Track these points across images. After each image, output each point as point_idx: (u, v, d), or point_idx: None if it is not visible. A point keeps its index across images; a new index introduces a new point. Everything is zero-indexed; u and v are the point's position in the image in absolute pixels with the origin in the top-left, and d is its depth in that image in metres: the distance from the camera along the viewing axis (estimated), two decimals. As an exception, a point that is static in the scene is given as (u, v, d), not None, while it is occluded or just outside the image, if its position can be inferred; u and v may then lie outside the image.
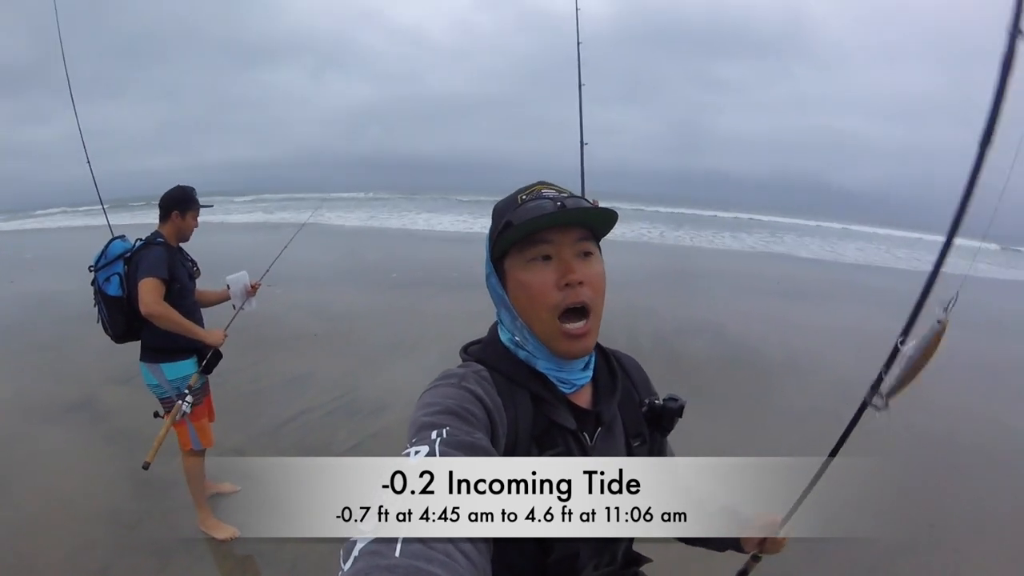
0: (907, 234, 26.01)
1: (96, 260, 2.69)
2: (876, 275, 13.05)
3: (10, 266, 11.08)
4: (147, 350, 2.72)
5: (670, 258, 13.56)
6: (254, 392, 4.73)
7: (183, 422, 2.74)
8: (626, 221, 23.27)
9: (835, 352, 6.26)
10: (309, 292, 7.91)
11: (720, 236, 19.88)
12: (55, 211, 29.35)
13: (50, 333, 6.31)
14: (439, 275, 9.55)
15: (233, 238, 13.19)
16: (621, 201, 35.57)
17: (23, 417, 4.23)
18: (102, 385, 4.76)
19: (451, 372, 0.89)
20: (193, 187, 2.83)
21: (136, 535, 2.91)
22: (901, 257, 17.59)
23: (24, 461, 3.60)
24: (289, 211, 22.88)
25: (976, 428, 4.53)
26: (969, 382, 5.46)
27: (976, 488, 3.62)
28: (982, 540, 3.10)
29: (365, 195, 35.13)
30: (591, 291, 0.88)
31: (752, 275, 11.55)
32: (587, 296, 0.87)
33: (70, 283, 6.41)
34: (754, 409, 4.20)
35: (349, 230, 17.35)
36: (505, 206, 0.93)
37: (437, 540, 0.53)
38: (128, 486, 3.21)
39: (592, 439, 0.93)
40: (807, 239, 21.28)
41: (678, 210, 30.53)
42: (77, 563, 2.69)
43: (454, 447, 0.68)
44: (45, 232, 19.24)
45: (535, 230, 0.86)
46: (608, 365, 1.02)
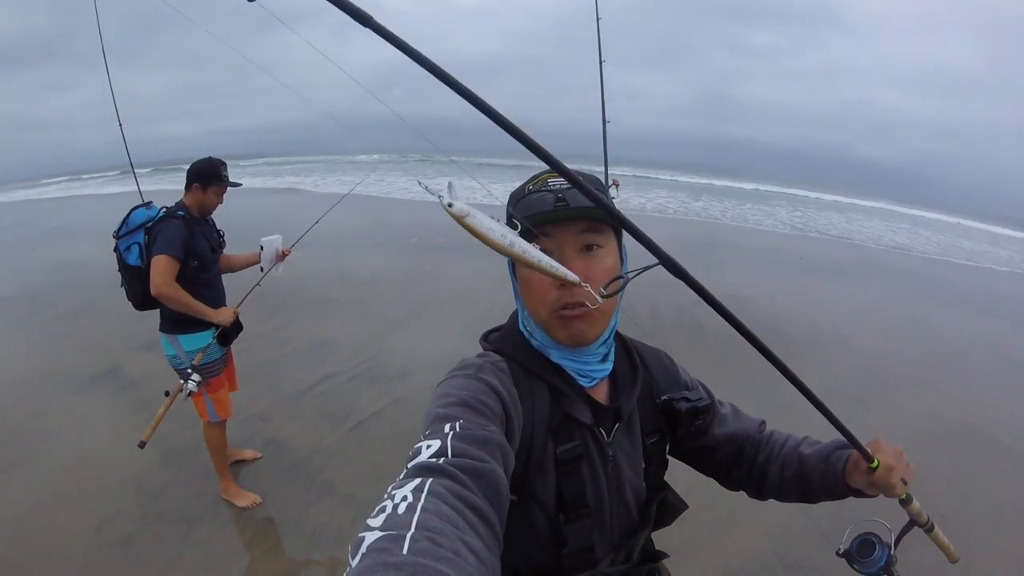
0: (936, 215, 25.37)
1: (118, 228, 2.67)
2: (898, 257, 12.75)
3: (34, 234, 11.34)
4: (166, 321, 2.73)
5: (693, 229, 13.34)
6: (278, 358, 4.80)
7: (200, 393, 2.76)
8: (648, 188, 22.95)
9: (857, 332, 6.19)
10: (331, 257, 7.94)
11: (742, 207, 19.50)
12: (76, 178, 29.97)
13: (75, 301, 6.42)
14: (460, 239, 9.54)
15: (260, 203, 13.32)
16: (647, 168, 34.96)
17: (50, 387, 4.32)
18: (127, 353, 4.86)
19: (468, 362, 0.88)
20: (224, 161, 2.76)
21: (160, 503, 2.98)
22: (921, 236, 17.19)
23: (53, 431, 3.68)
24: (309, 175, 22.99)
25: (996, 420, 4.41)
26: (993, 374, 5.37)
27: (998, 481, 3.54)
28: (995, 535, 3.02)
29: (381, 157, 34.92)
30: (593, 287, 0.84)
31: (775, 249, 11.37)
32: (586, 295, 0.83)
33: (94, 251, 6.53)
34: (777, 387, 4.12)
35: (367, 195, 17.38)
36: (515, 197, 0.91)
37: (445, 536, 0.52)
38: (154, 454, 3.26)
39: (609, 435, 0.92)
40: (831, 214, 20.83)
41: (703, 180, 29.99)
42: (103, 533, 2.75)
43: (466, 441, 0.67)
44: (68, 199, 19.65)
45: (534, 225, 0.83)
46: (629, 359, 1.00)
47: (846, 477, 0.96)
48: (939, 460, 3.63)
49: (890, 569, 1.01)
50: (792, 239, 13.36)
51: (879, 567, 1.00)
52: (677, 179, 29.49)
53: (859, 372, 5.03)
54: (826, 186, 36.71)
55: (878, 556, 1.01)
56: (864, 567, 1.02)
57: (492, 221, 0.70)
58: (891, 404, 4.48)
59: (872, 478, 0.92)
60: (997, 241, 19.21)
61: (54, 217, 14.25)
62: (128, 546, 2.68)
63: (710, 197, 22.19)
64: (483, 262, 6.35)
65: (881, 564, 1.00)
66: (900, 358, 5.54)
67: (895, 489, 0.94)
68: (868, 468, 0.92)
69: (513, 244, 0.70)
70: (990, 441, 4.04)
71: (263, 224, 4.83)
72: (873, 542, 1.03)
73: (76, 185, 26.52)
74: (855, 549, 1.04)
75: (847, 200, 27.77)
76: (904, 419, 4.25)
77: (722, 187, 27.88)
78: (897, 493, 0.95)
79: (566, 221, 0.84)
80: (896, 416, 4.27)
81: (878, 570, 1.01)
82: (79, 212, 14.89)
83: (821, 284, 8.47)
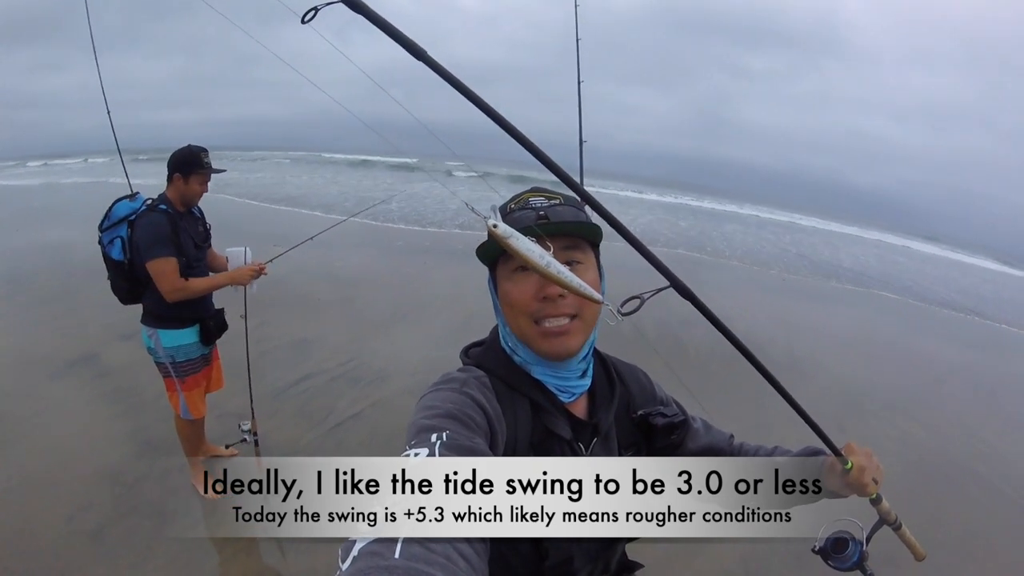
0: (919, 245, 25.83)
1: (102, 220, 2.59)
2: (878, 284, 12.98)
3: (19, 215, 11.13)
4: (148, 315, 2.69)
5: (676, 247, 13.46)
6: (258, 355, 4.74)
7: (175, 389, 2.73)
8: (633, 206, 23.10)
9: (835, 357, 6.27)
10: (315, 256, 7.87)
11: (726, 227, 19.74)
12: (69, 160, 29.48)
13: (57, 285, 6.32)
14: (446, 244, 9.57)
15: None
16: (635, 184, 35.20)
17: (26, 371, 4.25)
18: (107, 341, 4.78)
19: (452, 376, 0.90)
20: (204, 148, 2.63)
21: (134, 495, 2.94)
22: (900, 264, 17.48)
23: (27, 417, 3.61)
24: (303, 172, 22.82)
25: (970, 448, 4.49)
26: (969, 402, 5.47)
27: (971, 510, 3.59)
28: (967, 563, 3.06)
29: (368, 158, 34.68)
30: (575, 301, 0.87)
31: (756, 271, 11.50)
32: (568, 308, 0.87)
33: (78, 234, 6.41)
34: (757, 405, 4.20)
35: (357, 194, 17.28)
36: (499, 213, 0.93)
37: (437, 542, 0.53)
38: (129, 446, 3.24)
39: (588, 449, 0.94)
40: (815, 239, 21.14)
41: (687, 201, 30.24)
42: (74, 524, 2.71)
43: (453, 451, 0.68)
44: (55, 181, 19.30)
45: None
46: (607, 374, 1.02)
47: (823, 480, 1.00)
48: (913, 486, 3.69)
49: (862, 564, 1.06)
50: (776, 261, 13.53)
51: (852, 562, 1.06)
52: (663, 199, 29.68)
53: (836, 396, 5.09)
54: (812, 210, 37.29)
55: (851, 552, 1.06)
56: (838, 563, 1.07)
57: (531, 243, 0.77)
58: (867, 428, 4.55)
59: (847, 479, 0.97)
60: (971, 272, 19.61)
61: (40, 197, 14.01)
62: (99, 538, 2.64)
63: (696, 216, 22.43)
64: (466, 268, 6.36)
65: (854, 560, 1.06)
66: (877, 384, 5.62)
67: (867, 488, 0.98)
68: (843, 470, 0.97)
69: (550, 264, 0.78)
70: (964, 469, 4.12)
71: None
72: (847, 539, 1.07)
73: (64, 166, 26.06)
74: (830, 546, 1.08)
75: (831, 225, 28.16)
76: (879, 444, 4.30)
77: (709, 208, 28.15)
78: (869, 492, 1.00)
79: (550, 238, 0.85)
80: (871, 441, 4.30)
81: (851, 565, 1.06)
82: (66, 194, 14.65)
83: (801, 307, 8.59)
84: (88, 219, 3.06)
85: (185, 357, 2.71)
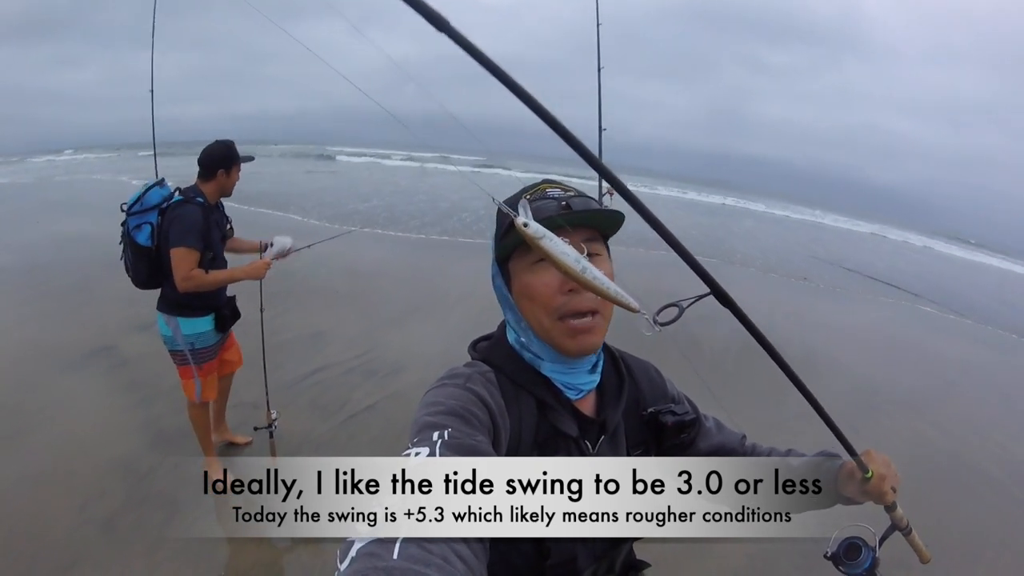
0: (940, 245, 25.33)
1: (131, 203, 2.62)
2: (895, 282, 12.75)
3: (38, 207, 11.31)
4: (166, 301, 2.73)
5: (694, 242, 13.34)
6: (274, 345, 4.78)
7: (192, 376, 2.78)
8: (650, 201, 22.90)
9: (850, 355, 6.18)
10: (334, 248, 7.91)
11: (745, 223, 19.53)
12: (88, 153, 30.00)
13: (74, 276, 6.39)
14: (462, 237, 9.60)
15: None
16: (653, 179, 34.87)
17: (43, 361, 4.30)
18: (123, 332, 4.84)
19: (457, 371, 0.89)
20: (232, 140, 2.78)
21: (146, 485, 2.98)
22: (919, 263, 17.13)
23: (43, 407, 3.66)
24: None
25: (984, 450, 4.41)
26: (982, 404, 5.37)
27: (982, 513, 3.54)
28: (976, 565, 3.03)
29: (384, 152, 34.80)
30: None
31: (775, 268, 11.36)
32: (592, 303, 0.85)
33: (96, 226, 6.49)
34: (772, 405, 4.16)
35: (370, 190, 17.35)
36: (512, 205, 0.91)
37: (435, 543, 0.53)
38: (143, 436, 3.28)
39: (594, 447, 0.92)
40: (833, 236, 20.84)
41: (699, 198, 29.93)
42: (86, 513, 2.75)
43: (454, 449, 0.68)
44: (75, 173, 19.62)
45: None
46: (616, 369, 1.00)
47: (839, 486, 0.97)
48: (926, 487, 3.63)
49: (874, 571, 1.04)
50: (795, 258, 13.37)
51: (864, 568, 1.04)
52: (683, 195, 29.43)
53: (850, 395, 5.02)
54: (832, 207, 36.72)
55: (864, 558, 1.04)
56: (850, 569, 1.05)
57: (565, 245, 0.72)
58: (880, 428, 4.48)
59: (866, 488, 0.94)
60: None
61: (60, 191, 14.22)
62: (111, 527, 2.67)
63: (715, 212, 22.21)
64: (482, 263, 6.32)
65: (866, 566, 1.04)
66: (891, 384, 5.53)
67: (886, 497, 0.96)
68: (863, 478, 0.94)
69: (585, 269, 0.72)
70: (976, 471, 4.05)
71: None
72: (859, 545, 1.05)
73: (84, 160, 26.49)
74: (842, 552, 1.06)
75: (851, 223, 27.78)
76: (892, 445, 4.25)
77: (731, 204, 27.85)
78: (887, 501, 0.97)
79: (571, 230, 0.83)
80: (884, 441, 4.27)
81: (863, 571, 1.04)
82: (85, 187, 14.86)
83: (819, 305, 8.48)
84: (106, 212, 3.11)
85: (204, 344, 2.77)
